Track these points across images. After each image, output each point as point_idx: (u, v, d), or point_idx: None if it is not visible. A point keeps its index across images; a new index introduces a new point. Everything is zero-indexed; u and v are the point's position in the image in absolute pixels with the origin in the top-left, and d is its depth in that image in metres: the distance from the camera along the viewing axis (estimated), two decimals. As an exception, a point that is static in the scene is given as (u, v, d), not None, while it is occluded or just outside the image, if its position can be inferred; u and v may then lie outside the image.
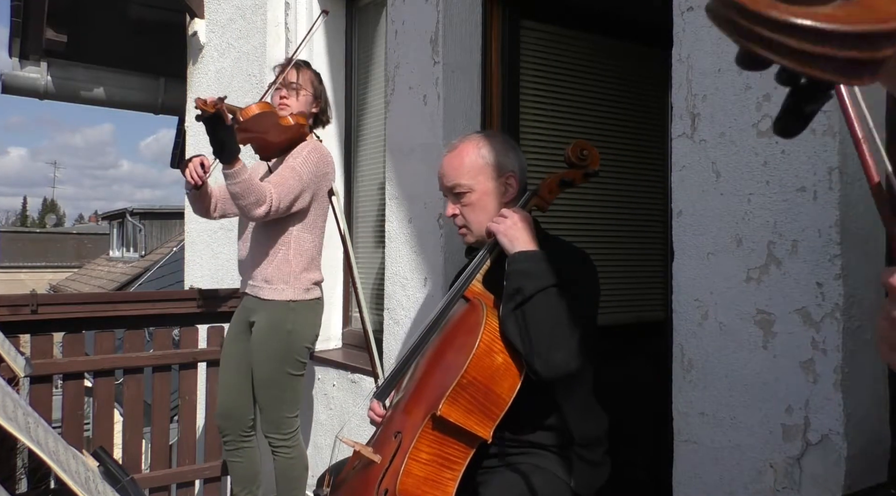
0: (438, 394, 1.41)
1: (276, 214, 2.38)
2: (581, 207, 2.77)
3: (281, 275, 2.49)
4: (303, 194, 2.45)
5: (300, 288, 2.52)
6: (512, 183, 1.66)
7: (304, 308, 2.53)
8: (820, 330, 1.29)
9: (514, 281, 1.45)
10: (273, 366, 2.49)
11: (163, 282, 10.72)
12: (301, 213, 2.50)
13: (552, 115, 2.69)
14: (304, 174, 2.43)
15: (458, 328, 1.54)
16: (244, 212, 2.36)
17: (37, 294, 2.69)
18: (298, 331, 2.51)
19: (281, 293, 2.48)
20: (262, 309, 2.50)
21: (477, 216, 1.64)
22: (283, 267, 2.49)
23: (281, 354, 2.49)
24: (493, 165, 1.65)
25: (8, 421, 1.08)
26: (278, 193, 2.34)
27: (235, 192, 2.26)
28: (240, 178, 2.23)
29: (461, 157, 1.66)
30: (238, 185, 2.24)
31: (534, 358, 1.39)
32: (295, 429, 2.57)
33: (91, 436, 2.86)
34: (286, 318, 2.48)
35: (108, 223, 21.05)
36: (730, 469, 1.43)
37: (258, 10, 3.19)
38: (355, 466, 1.59)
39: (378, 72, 3.01)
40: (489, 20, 2.42)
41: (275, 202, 2.33)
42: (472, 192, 1.64)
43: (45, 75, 4.58)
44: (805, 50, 0.31)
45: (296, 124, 2.51)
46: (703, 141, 1.49)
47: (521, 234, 1.50)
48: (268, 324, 2.49)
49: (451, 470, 1.43)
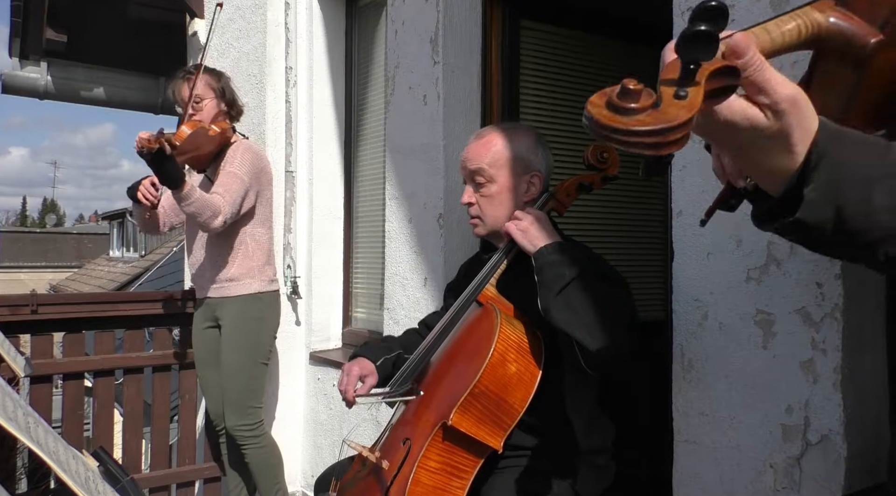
0: (449, 402, 1.38)
1: (231, 221, 2.51)
2: (581, 207, 2.77)
3: (246, 271, 2.61)
4: (248, 194, 2.57)
5: (265, 279, 2.67)
6: (535, 182, 1.61)
7: (269, 298, 2.68)
8: (820, 330, 1.29)
9: (551, 270, 1.39)
10: (243, 355, 2.60)
11: (163, 282, 10.72)
12: (250, 211, 2.62)
13: (552, 114, 2.68)
14: (244, 175, 2.55)
15: (470, 334, 1.50)
16: (204, 227, 2.48)
17: (37, 294, 2.69)
18: (267, 319, 2.67)
19: (248, 287, 2.61)
20: (229, 305, 2.60)
21: (493, 209, 1.60)
22: (246, 263, 2.62)
23: (252, 343, 2.61)
24: (519, 161, 1.59)
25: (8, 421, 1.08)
26: (228, 201, 2.47)
27: (191, 211, 2.36)
28: (192, 198, 2.33)
29: (489, 145, 1.60)
30: (193, 206, 2.34)
31: (588, 338, 1.31)
32: (260, 420, 2.66)
33: (91, 436, 2.87)
34: (255, 307, 2.62)
35: (108, 223, 21.06)
36: (730, 469, 1.43)
37: (258, 10, 3.19)
38: (361, 471, 1.57)
39: (378, 72, 3.01)
40: (489, 20, 2.42)
41: (228, 210, 2.46)
42: (492, 182, 1.59)
43: (45, 75, 4.57)
44: (637, 141, 0.54)
45: (220, 131, 2.59)
46: (702, 141, 1.49)
47: (540, 232, 1.47)
48: (238, 314, 2.60)
49: (461, 478, 1.41)
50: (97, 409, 2.81)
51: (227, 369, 2.60)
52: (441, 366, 1.55)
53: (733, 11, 1.44)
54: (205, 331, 2.70)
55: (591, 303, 1.34)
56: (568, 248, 1.44)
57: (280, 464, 2.74)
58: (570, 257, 1.41)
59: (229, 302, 2.60)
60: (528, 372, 1.40)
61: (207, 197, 2.41)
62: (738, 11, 1.42)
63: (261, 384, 2.66)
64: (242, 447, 2.61)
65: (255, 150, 2.65)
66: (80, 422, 2.77)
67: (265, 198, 2.70)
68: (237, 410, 2.58)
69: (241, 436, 2.60)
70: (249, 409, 2.60)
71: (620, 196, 2.89)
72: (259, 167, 2.63)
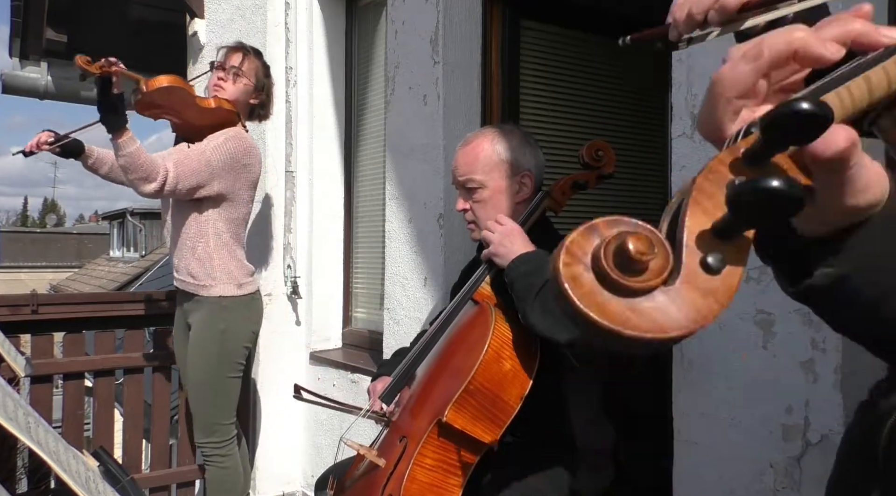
0: (444, 399, 1.39)
1: (171, 195, 2.25)
2: (580, 207, 2.77)
3: (205, 271, 2.36)
4: (211, 182, 2.30)
5: (230, 283, 2.39)
6: (527, 182, 1.61)
7: (237, 305, 2.40)
8: (820, 330, 1.29)
9: (521, 282, 1.40)
10: (206, 369, 2.37)
11: (163, 282, 10.71)
12: (216, 203, 2.36)
13: (552, 114, 2.69)
14: (213, 160, 2.28)
15: (465, 332, 1.52)
16: (133, 186, 2.22)
17: (37, 294, 2.70)
18: (233, 330, 2.39)
19: (210, 290, 2.37)
20: (196, 308, 2.40)
21: (488, 213, 1.60)
22: (206, 261, 2.36)
23: (215, 356, 2.37)
24: (508, 162, 1.60)
25: (8, 421, 1.08)
26: (176, 172, 2.20)
27: (122, 164, 2.14)
28: (126, 149, 2.10)
29: (476, 152, 1.61)
30: (124, 158, 2.11)
31: (574, 334, 1.29)
32: (230, 438, 2.45)
33: (91, 436, 2.87)
34: (219, 317, 2.37)
35: (108, 223, 21.06)
36: (730, 469, 1.43)
37: (258, 10, 3.19)
38: (359, 469, 1.58)
39: (378, 72, 3.01)
40: (489, 20, 2.42)
41: (170, 180, 2.19)
42: (484, 188, 1.60)
43: (46, 75, 4.57)
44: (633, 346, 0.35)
45: (219, 108, 2.35)
46: (702, 141, 1.49)
47: (512, 245, 1.47)
48: (201, 323, 2.38)
49: (457, 476, 1.42)
50: (97, 409, 2.81)
51: (192, 384, 2.41)
52: (438, 364, 1.56)
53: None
54: (179, 330, 2.56)
55: None
56: (538, 254, 1.44)
57: (236, 491, 2.49)
58: (540, 262, 1.41)
59: (196, 305, 2.40)
60: (523, 369, 1.40)
61: (147, 156, 2.15)
62: (738, 11, 1.42)
63: (230, 400, 2.43)
64: (206, 461, 2.47)
65: (244, 143, 2.37)
66: (80, 422, 2.77)
67: (240, 198, 2.41)
68: (202, 427, 2.41)
69: (206, 452, 2.44)
70: (215, 426, 2.40)
71: (621, 196, 2.90)
72: (239, 162, 2.34)
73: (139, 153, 2.13)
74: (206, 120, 2.36)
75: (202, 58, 3.76)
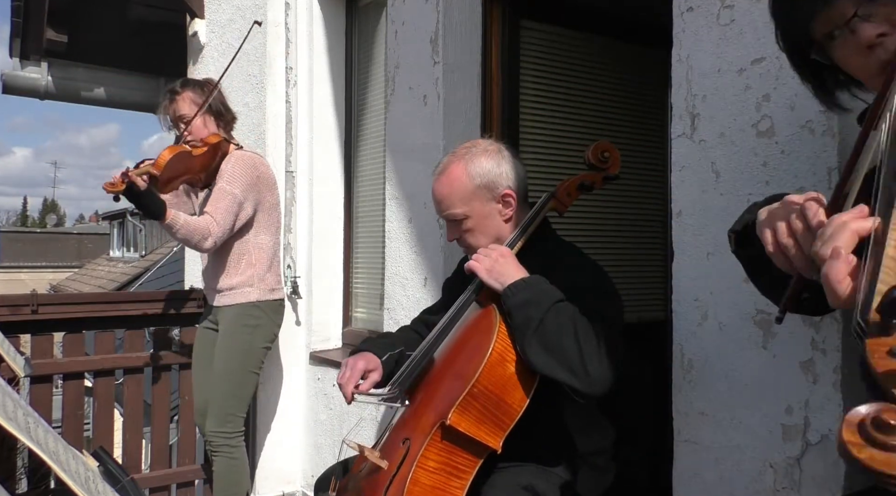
0: (448, 402, 1.38)
1: (224, 238, 2.49)
2: (581, 207, 2.77)
3: (246, 280, 2.58)
4: (243, 207, 2.53)
5: (265, 288, 2.62)
6: (509, 200, 1.58)
7: (268, 307, 2.63)
8: (820, 330, 1.29)
9: (519, 314, 1.37)
10: (233, 360, 2.56)
11: (163, 282, 10.72)
12: (249, 221, 2.58)
13: (552, 114, 2.69)
14: (235, 190, 2.50)
15: (469, 334, 1.50)
16: (197, 249, 2.52)
17: (37, 294, 2.70)
18: (262, 327, 2.61)
19: (247, 296, 2.58)
20: (227, 311, 2.58)
21: (478, 240, 1.58)
22: (248, 271, 2.58)
23: (244, 349, 2.57)
24: (485, 187, 1.56)
25: (8, 421, 1.08)
26: (218, 220, 2.44)
27: (181, 237, 2.40)
28: (178, 226, 2.35)
29: (451, 183, 1.57)
30: (180, 232, 2.37)
31: (573, 379, 1.31)
32: (240, 431, 2.59)
33: (91, 436, 2.87)
34: (251, 314, 2.58)
35: (108, 223, 21.06)
36: (730, 469, 1.43)
37: (258, 10, 3.19)
38: (361, 470, 1.57)
39: (378, 72, 3.01)
40: (489, 20, 2.42)
41: (217, 230, 2.44)
42: (468, 218, 1.57)
43: (46, 75, 4.57)
44: None
45: (209, 145, 2.52)
46: (702, 141, 1.49)
47: (505, 269, 1.44)
48: (233, 320, 2.57)
49: (459, 478, 1.41)
50: (97, 409, 2.82)
51: (216, 373, 2.56)
52: (440, 366, 1.54)
53: (732, 11, 1.44)
54: (205, 330, 2.70)
55: (569, 341, 1.31)
56: (535, 283, 1.40)
57: (243, 485, 2.61)
58: (537, 293, 1.38)
59: (228, 308, 2.58)
60: (528, 372, 1.39)
61: (194, 221, 2.40)
62: (738, 12, 1.42)
63: (247, 393, 2.61)
64: (213, 453, 2.55)
65: (247, 160, 2.56)
66: (80, 422, 2.77)
67: (267, 203, 2.63)
68: (218, 415, 2.53)
69: (216, 442, 2.53)
70: (230, 417, 2.54)
71: (620, 196, 2.89)
72: (254, 176, 2.55)
73: (188, 223, 2.38)
74: (209, 160, 2.54)
75: (202, 58, 3.76)
